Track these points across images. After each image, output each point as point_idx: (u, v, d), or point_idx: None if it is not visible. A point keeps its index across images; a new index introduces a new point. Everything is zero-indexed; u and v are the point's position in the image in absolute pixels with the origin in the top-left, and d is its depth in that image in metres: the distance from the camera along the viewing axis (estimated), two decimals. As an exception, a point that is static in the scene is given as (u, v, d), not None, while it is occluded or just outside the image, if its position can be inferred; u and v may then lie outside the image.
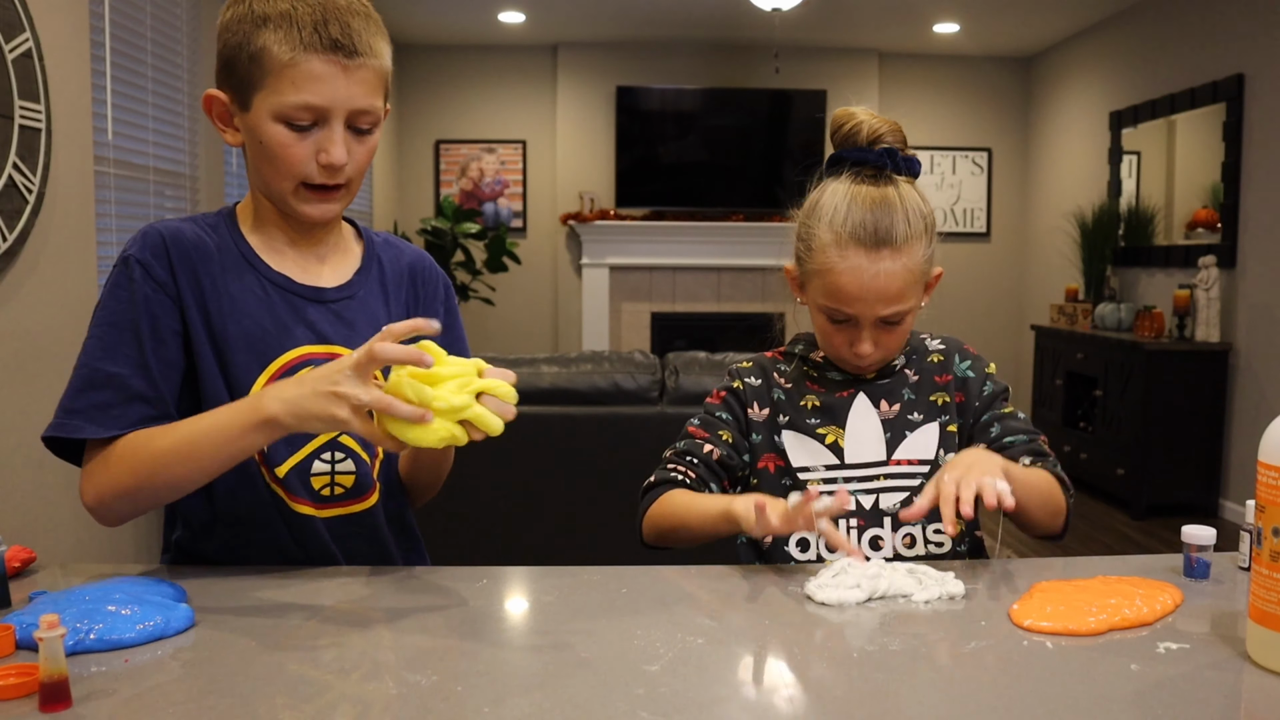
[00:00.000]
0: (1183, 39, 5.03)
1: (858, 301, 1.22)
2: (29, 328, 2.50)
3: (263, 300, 1.16)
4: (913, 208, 1.24)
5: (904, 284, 1.22)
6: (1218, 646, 0.91)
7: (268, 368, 1.15)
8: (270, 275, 1.17)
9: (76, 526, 2.70)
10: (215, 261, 1.15)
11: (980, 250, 6.98)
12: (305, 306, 1.18)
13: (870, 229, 1.20)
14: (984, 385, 1.34)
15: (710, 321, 6.72)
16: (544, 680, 0.84)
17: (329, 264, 1.23)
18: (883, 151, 1.25)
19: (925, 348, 1.36)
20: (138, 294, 1.11)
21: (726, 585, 1.10)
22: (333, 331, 1.18)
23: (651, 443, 1.38)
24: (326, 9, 1.08)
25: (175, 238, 1.14)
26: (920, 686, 0.84)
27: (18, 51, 2.36)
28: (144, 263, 1.12)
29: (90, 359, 1.09)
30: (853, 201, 1.22)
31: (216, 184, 3.78)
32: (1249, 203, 4.52)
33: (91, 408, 1.07)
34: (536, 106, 6.76)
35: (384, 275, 1.26)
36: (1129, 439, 4.74)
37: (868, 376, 1.32)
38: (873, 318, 1.23)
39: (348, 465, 1.19)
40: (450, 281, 1.35)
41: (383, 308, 1.24)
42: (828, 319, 1.26)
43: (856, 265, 1.20)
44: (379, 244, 1.28)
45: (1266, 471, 0.85)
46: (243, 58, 1.09)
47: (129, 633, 0.90)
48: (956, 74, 6.85)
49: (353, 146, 1.13)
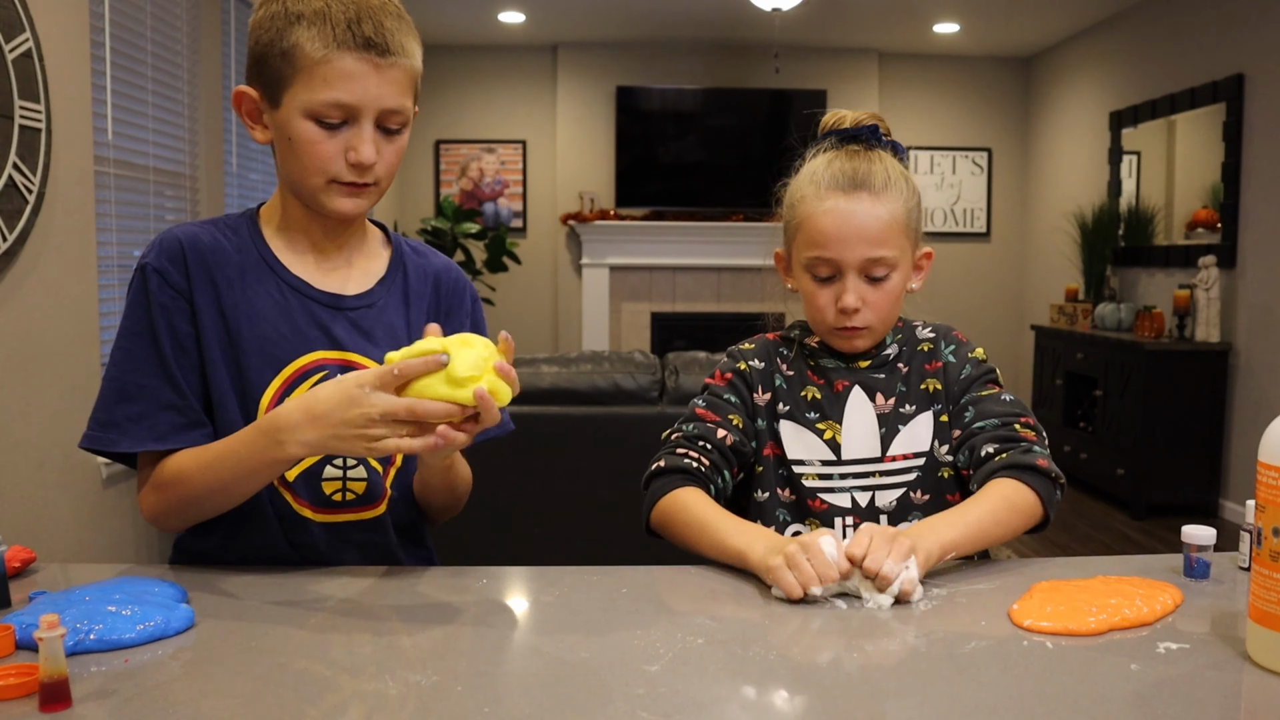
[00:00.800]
0: (1183, 39, 5.03)
1: (836, 242, 1.22)
2: (29, 328, 2.50)
3: (279, 305, 1.16)
4: (894, 168, 1.26)
5: (884, 228, 1.23)
6: (1218, 646, 0.91)
7: (281, 373, 1.15)
8: (289, 280, 1.18)
9: (76, 526, 2.70)
10: (233, 265, 1.16)
11: (980, 250, 6.98)
12: (322, 313, 1.18)
13: (849, 175, 1.24)
14: (963, 369, 1.31)
15: (710, 321, 6.72)
16: (544, 680, 0.84)
17: (352, 270, 1.22)
18: (867, 128, 1.29)
19: (916, 336, 1.35)
20: (155, 302, 1.12)
21: (727, 585, 1.10)
22: (348, 339, 1.18)
23: (651, 443, 1.37)
24: (360, 7, 1.09)
25: (192, 243, 1.15)
26: (920, 686, 0.84)
27: (18, 51, 2.36)
28: (160, 270, 1.13)
29: (119, 370, 1.12)
30: (833, 159, 1.26)
31: (216, 184, 3.78)
32: (1249, 203, 4.52)
33: (125, 420, 1.11)
34: (536, 106, 6.76)
35: (407, 284, 1.25)
36: (1129, 439, 4.74)
37: (860, 365, 1.31)
38: (856, 263, 1.23)
39: (359, 471, 1.20)
40: (478, 294, 1.35)
41: (402, 318, 1.23)
42: (813, 279, 1.26)
43: (835, 206, 1.23)
44: (407, 252, 1.28)
45: (1266, 471, 0.85)
46: (274, 54, 1.09)
47: (129, 633, 0.90)
48: (956, 74, 6.85)
49: (382, 146, 1.13)
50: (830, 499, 1.26)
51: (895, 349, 1.32)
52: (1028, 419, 1.26)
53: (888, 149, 1.29)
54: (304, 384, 1.15)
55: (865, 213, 1.22)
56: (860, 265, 1.23)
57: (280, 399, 1.14)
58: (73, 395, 2.66)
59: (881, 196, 1.23)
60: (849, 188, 1.23)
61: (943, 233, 6.91)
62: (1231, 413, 4.63)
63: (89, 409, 1.13)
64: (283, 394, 1.15)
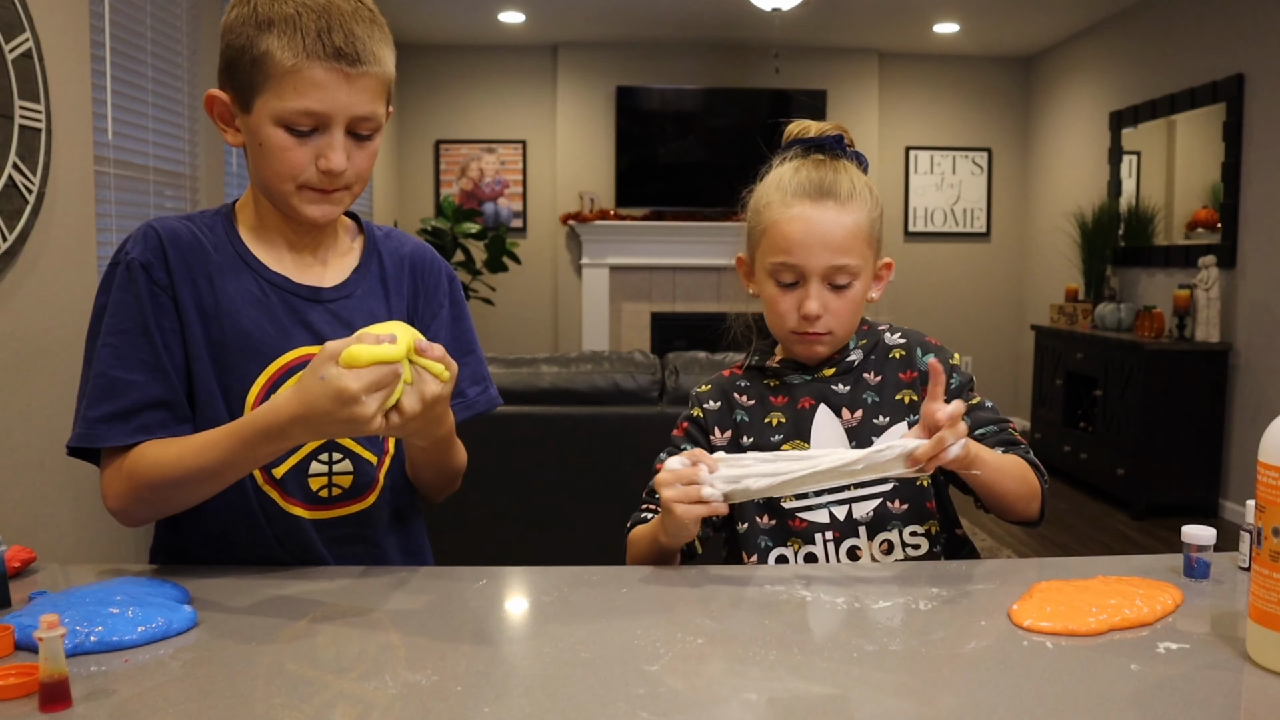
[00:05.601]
0: (1183, 39, 5.03)
1: (802, 249, 1.23)
2: (29, 328, 2.50)
3: (260, 301, 1.16)
4: (858, 178, 1.27)
5: (849, 236, 1.23)
6: (1218, 646, 0.91)
7: (265, 369, 1.15)
8: (267, 275, 1.17)
9: (76, 526, 2.70)
10: (212, 262, 1.15)
11: (980, 250, 6.98)
12: (303, 306, 1.18)
13: (816, 183, 1.25)
14: (950, 379, 1.29)
15: (710, 321, 6.72)
16: (544, 680, 0.84)
17: (327, 263, 1.22)
18: (831, 137, 1.30)
19: (885, 343, 1.33)
20: (143, 296, 1.11)
21: (727, 585, 1.10)
22: (330, 331, 1.17)
23: (651, 443, 1.37)
24: (331, 15, 1.08)
25: (172, 238, 1.14)
26: (920, 686, 0.84)
27: (18, 51, 2.36)
28: (146, 265, 1.12)
29: (106, 367, 1.10)
30: (799, 168, 1.27)
31: (216, 184, 3.78)
32: (1249, 203, 4.52)
33: (112, 416, 1.09)
34: (536, 106, 6.76)
35: (384, 270, 1.25)
36: (1129, 439, 4.75)
37: (825, 374, 1.30)
38: (820, 270, 1.23)
39: (345, 465, 1.19)
40: (454, 273, 1.34)
41: (382, 303, 1.23)
42: (776, 283, 1.26)
43: (801, 213, 1.23)
44: (380, 238, 1.28)
45: (1266, 471, 0.85)
46: (245, 61, 1.09)
47: (130, 634, 0.89)
48: (956, 74, 6.85)
49: (353, 152, 1.13)
50: (808, 516, 1.26)
51: (859, 355, 1.31)
52: (1013, 425, 1.33)
53: (852, 159, 1.30)
54: (289, 380, 1.14)
55: (831, 221, 1.23)
56: (824, 273, 1.23)
57: (266, 395, 1.14)
58: (72, 395, 2.63)
59: (847, 206, 1.24)
60: (816, 195, 1.24)
61: (943, 233, 6.92)
62: (1231, 413, 4.63)
63: (88, 409, 1.13)
64: (268, 390, 1.15)
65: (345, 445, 1.19)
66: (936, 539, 1.28)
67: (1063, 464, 5.44)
